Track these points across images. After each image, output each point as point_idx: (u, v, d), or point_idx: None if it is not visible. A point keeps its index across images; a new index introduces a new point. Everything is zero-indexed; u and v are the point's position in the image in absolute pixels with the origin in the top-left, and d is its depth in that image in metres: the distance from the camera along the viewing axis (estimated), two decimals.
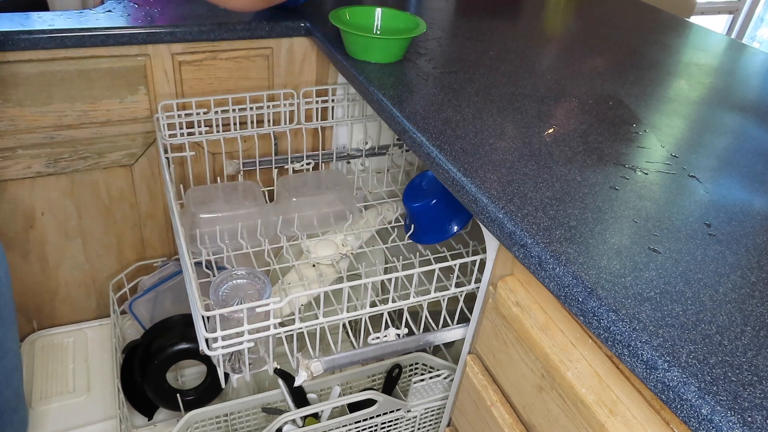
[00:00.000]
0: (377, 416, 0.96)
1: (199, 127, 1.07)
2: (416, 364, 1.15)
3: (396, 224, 1.11)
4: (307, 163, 1.20)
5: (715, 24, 3.08)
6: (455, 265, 0.80)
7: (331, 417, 0.97)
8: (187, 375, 1.25)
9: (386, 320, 0.83)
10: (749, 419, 0.43)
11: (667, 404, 0.47)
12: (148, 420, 1.17)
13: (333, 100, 1.18)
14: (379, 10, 1.03)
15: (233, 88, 1.15)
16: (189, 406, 1.12)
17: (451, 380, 0.94)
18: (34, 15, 1.01)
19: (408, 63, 0.98)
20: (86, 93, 1.04)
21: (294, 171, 1.20)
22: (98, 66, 1.03)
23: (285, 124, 1.15)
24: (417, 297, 0.82)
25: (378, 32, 1.03)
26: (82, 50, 1.00)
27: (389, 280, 0.81)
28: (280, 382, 1.01)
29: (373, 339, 0.81)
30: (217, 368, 0.76)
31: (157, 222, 1.28)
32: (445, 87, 0.90)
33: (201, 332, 0.69)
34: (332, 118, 1.21)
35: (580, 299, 0.54)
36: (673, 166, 0.76)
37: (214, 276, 0.83)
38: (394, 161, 1.29)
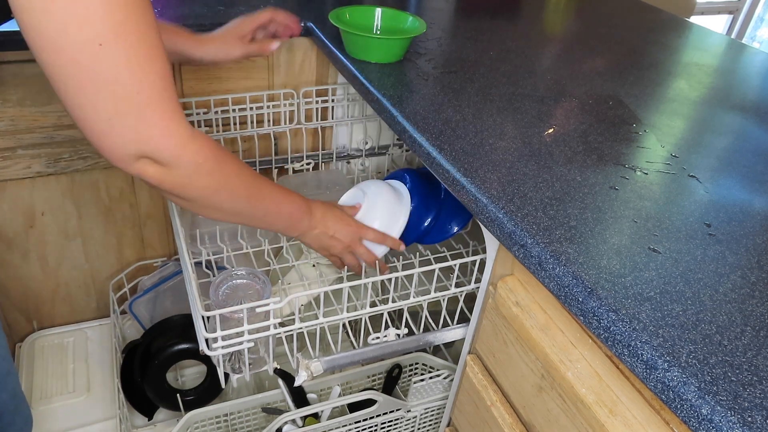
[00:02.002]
0: (377, 416, 0.96)
1: (199, 127, 1.07)
2: (416, 364, 1.15)
3: None
4: (307, 163, 1.20)
5: (715, 24, 3.08)
6: (455, 265, 0.80)
7: (331, 417, 0.97)
8: (187, 375, 1.25)
9: (386, 320, 0.83)
10: (749, 419, 0.43)
11: (667, 404, 0.47)
12: (148, 420, 1.17)
13: (333, 100, 1.18)
14: (379, 10, 1.03)
15: (233, 88, 1.15)
16: (189, 406, 1.12)
17: (451, 380, 0.94)
18: None
19: (408, 63, 0.98)
20: None
21: (294, 171, 1.20)
22: None
23: (285, 124, 1.15)
24: (417, 297, 0.82)
25: (378, 32, 1.03)
26: None
27: (389, 280, 0.81)
28: (280, 382, 1.01)
29: (373, 339, 0.81)
30: (217, 368, 0.76)
31: (157, 222, 1.28)
32: (445, 87, 0.90)
33: (201, 332, 0.69)
34: (332, 118, 1.21)
35: (580, 299, 0.54)
36: (673, 166, 0.76)
37: (214, 276, 0.83)
38: (394, 161, 1.29)
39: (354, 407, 0.97)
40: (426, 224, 0.92)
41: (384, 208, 0.88)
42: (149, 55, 0.53)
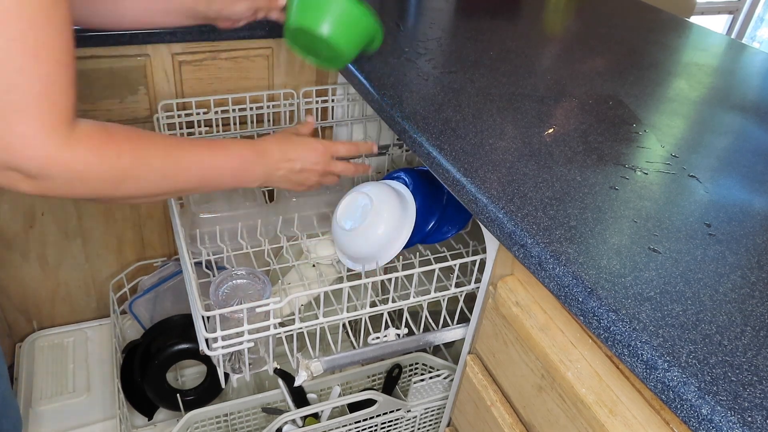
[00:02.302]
0: (377, 416, 0.96)
1: (199, 127, 1.07)
2: (416, 364, 1.15)
3: None
4: None
5: (715, 24, 3.08)
6: (455, 265, 0.80)
7: (331, 417, 0.97)
8: (187, 375, 1.25)
9: (386, 320, 0.83)
10: (749, 419, 0.43)
11: (667, 404, 0.47)
12: (148, 420, 1.17)
13: (333, 100, 1.18)
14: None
15: (233, 88, 1.15)
16: (189, 406, 1.12)
17: (451, 380, 0.94)
18: None
19: (408, 63, 0.98)
20: (86, 93, 1.04)
21: None
22: (98, 66, 1.03)
23: (285, 124, 1.15)
24: (417, 297, 0.82)
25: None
26: (83, 50, 1.00)
27: (389, 280, 0.81)
28: (280, 382, 1.01)
29: (373, 339, 0.81)
30: (217, 368, 0.76)
31: (157, 222, 1.28)
32: (445, 87, 0.90)
33: (201, 332, 0.69)
34: (332, 118, 1.21)
35: (580, 299, 0.54)
36: (673, 166, 0.76)
37: (214, 276, 0.83)
38: (394, 161, 1.29)
39: (354, 407, 0.97)
40: (429, 227, 0.92)
41: (390, 217, 0.88)
42: (35, 53, 0.47)
